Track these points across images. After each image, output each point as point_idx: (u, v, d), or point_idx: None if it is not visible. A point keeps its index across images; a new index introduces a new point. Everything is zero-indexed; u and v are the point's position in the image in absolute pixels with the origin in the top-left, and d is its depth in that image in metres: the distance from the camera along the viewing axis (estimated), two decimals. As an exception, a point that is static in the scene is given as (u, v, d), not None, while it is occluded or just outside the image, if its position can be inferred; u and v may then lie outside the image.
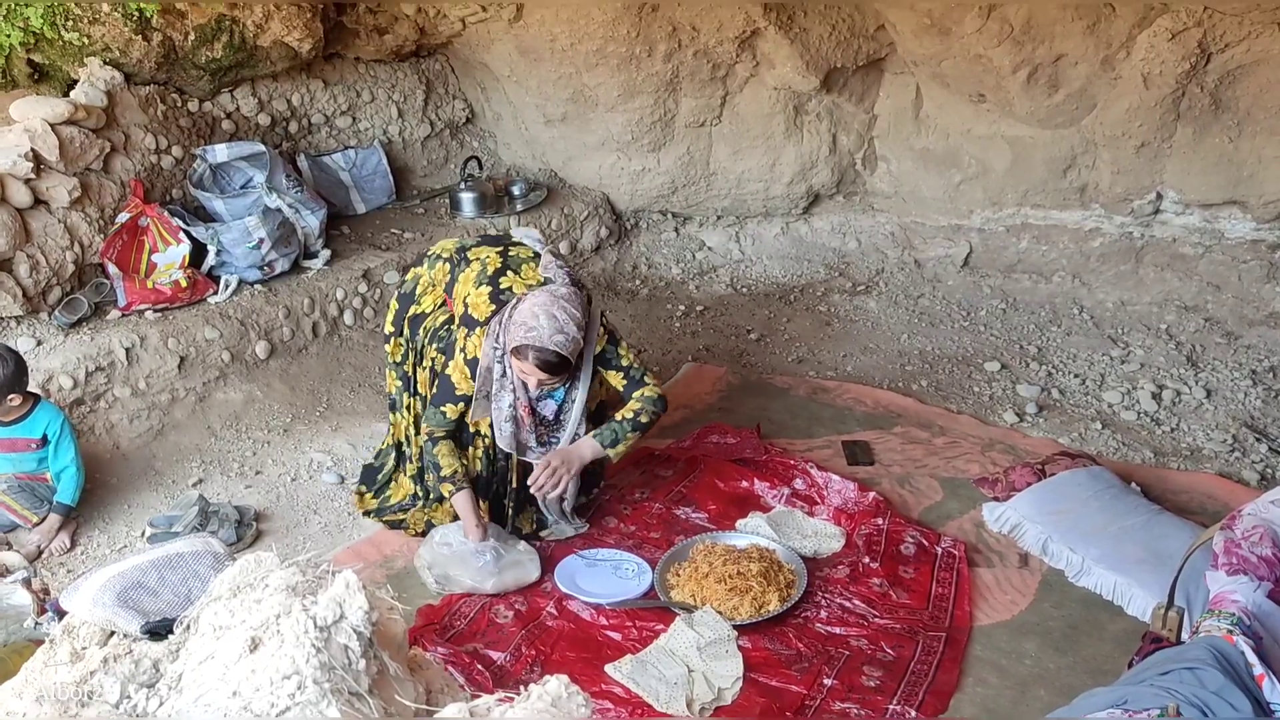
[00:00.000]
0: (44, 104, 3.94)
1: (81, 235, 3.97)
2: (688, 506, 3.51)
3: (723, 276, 5.41)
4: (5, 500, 3.30)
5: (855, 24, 4.75)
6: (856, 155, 5.22)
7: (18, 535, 3.27)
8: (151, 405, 3.83)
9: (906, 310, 4.98)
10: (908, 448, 3.87)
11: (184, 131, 4.51)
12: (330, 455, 3.82)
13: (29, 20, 3.92)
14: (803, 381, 4.37)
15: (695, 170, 5.31)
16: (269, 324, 4.18)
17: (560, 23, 4.76)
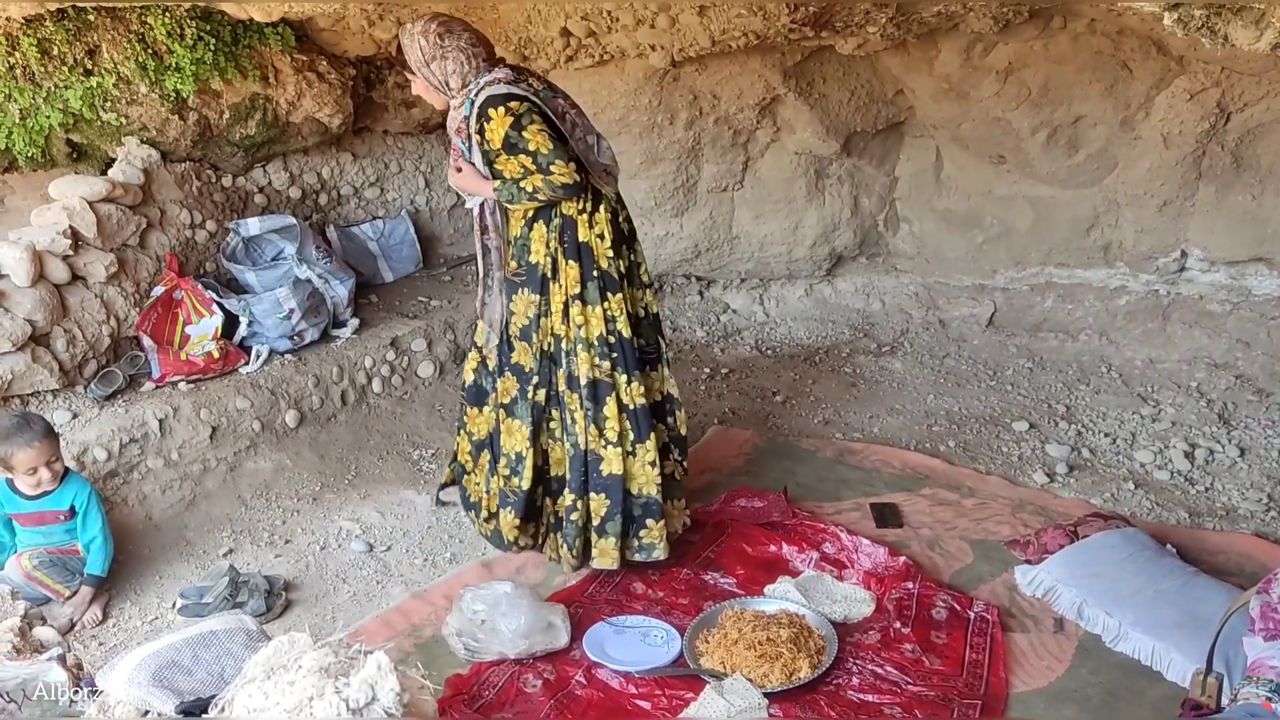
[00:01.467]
0: (82, 182, 4.05)
1: (118, 309, 4.05)
2: (716, 572, 3.49)
3: (747, 339, 5.43)
4: (37, 575, 3.33)
5: (874, 89, 4.82)
6: (878, 217, 5.26)
7: (50, 609, 3.29)
8: (184, 476, 3.87)
9: (932, 370, 4.98)
10: (937, 510, 3.84)
11: (218, 206, 4.62)
12: (359, 523, 3.84)
13: (68, 102, 4.05)
14: (829, 443, 4.36)
15: (718, 234, 5.36)
16: (299, 393, 4.23)
17: (583, 93, 4.84)
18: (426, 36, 3.23)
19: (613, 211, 3.39)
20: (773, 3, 3.71)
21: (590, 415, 3.36)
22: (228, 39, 4.25)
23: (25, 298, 3.72)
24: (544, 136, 3.18)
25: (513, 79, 3.24)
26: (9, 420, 3.35)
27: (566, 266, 3.32)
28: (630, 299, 3.42)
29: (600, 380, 3.35)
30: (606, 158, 3.37)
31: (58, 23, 3.92)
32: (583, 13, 4.20)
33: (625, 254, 3.42)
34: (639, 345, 3.45)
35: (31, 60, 3.93)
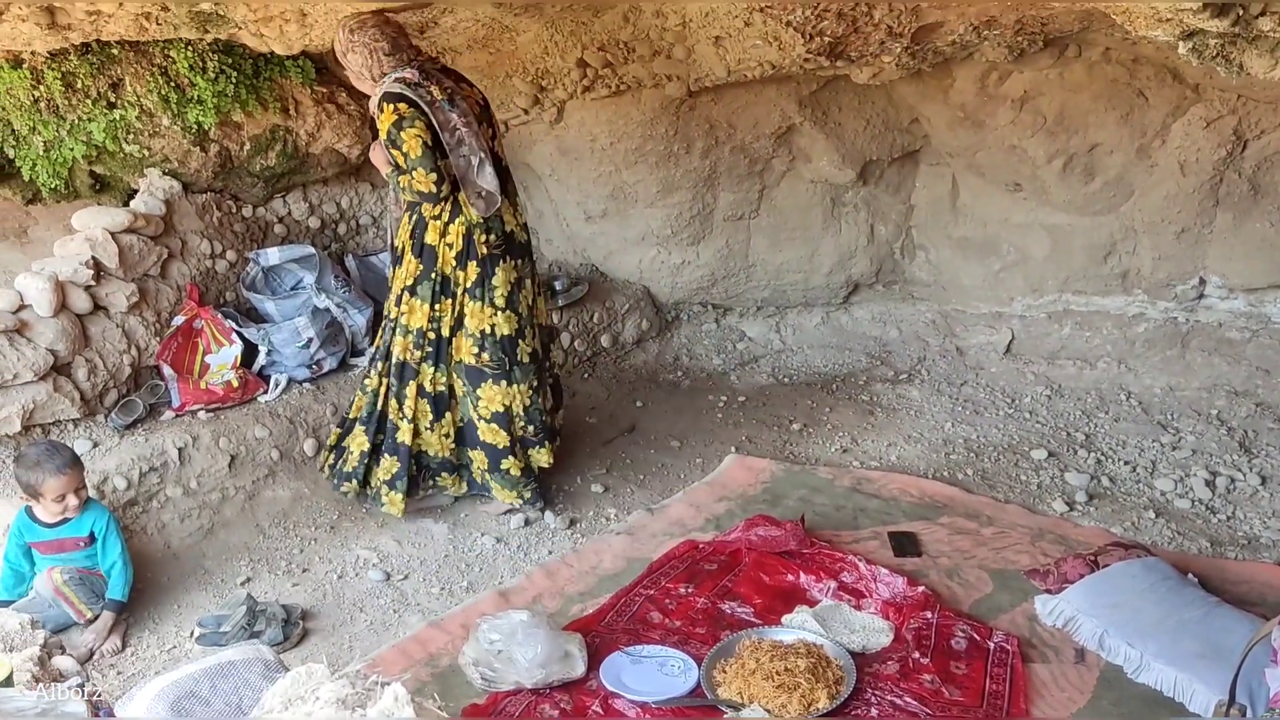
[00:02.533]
0: (105, 214, 4.11)
1: (138, 339, 4.09)
2: (733, 601, 3.48)
3: (764, 367, 5.43)
4: (66, 591, 3.33)
5: (889, 118, 4.84)
6: (895, 245, 5.27)
7: (69, 636, 3.30)
8: (202, 504, 3.89)
9: (950, 398, 4.96)
10: (955, 538, 3.81)
11: (238, 236, 4.66)
12: (376, 552, 3.84)
13: (91, 134, 4.10)
14: (847, 472, 4.34)
15: (734, 262, 5.38)
16: (317, 421, 4.24)
17: (600, 123, 4.89)
18: (341, 32, 3.60)
19: (468, 229, 3.72)
20: (788, 33, 3.73)
21: (393, 391, 3.85)
22: (249, 72, 4.31)
23: (47, 328, 3.76)
24: (416, 142, 3.53)
25: (416, 81, 3.57)
26: (37, 449, 3.38)
27: (409, 259, 3.77)
28: (472, 312, 3.80)
29: (408, 364, 3.81)
30: (486, 182, 3.66)
31: (82, 56, 3.98)
32: (599, 44, 4.24)
33: (475, 270, 3.76)
34: (482, 362, 3.84)
35: (56, 93, 3.99)
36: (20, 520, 3.39)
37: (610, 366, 5.35)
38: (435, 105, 3.56)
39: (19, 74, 3.92)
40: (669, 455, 4.59)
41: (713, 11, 3.77)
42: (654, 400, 5.08)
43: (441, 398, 3.88)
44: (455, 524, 4.02)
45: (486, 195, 3.66)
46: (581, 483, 4.32)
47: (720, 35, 3.92)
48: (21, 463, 3.38)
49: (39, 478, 3.29)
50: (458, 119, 3.61)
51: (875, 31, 3.78)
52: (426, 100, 3.55)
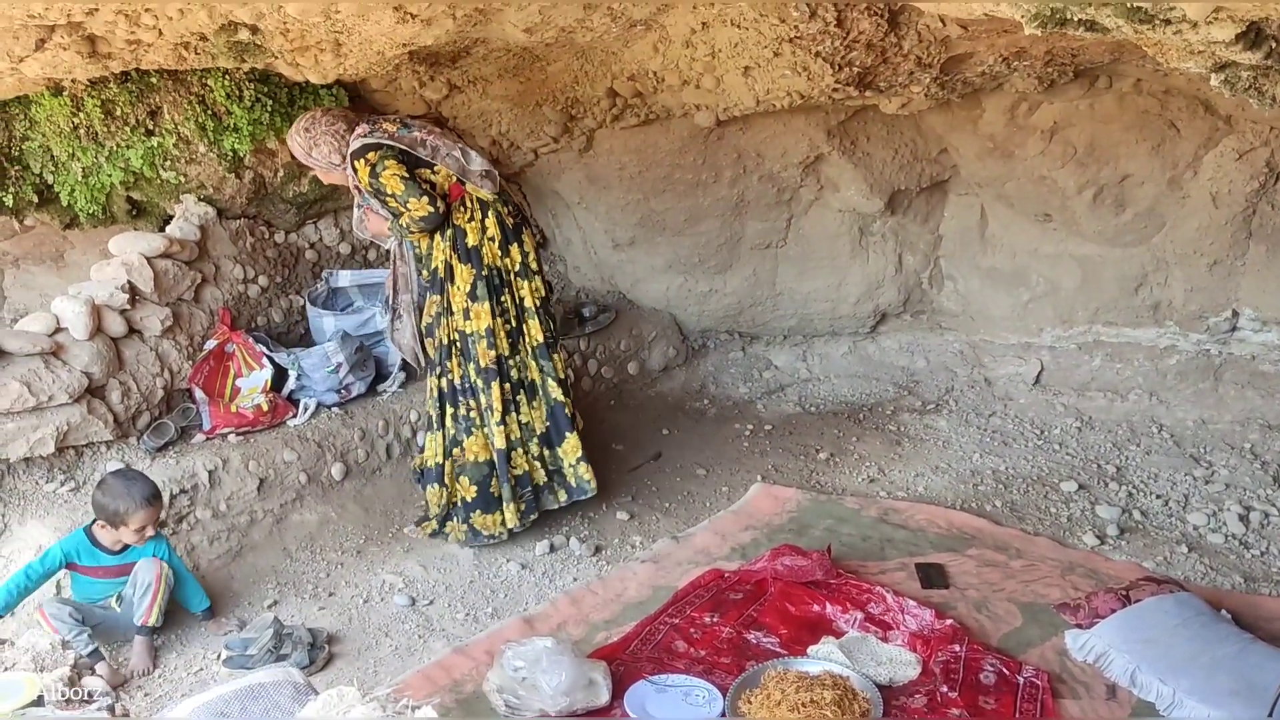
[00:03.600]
0: (141, 239, 4.17)
1: (171, 362, 4.14)
2: (759, 631, 3.45)
3: (790, 395, 5.42)
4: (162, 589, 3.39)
5: (918, 148, 4.84)
6: (923, 274, 5.26)
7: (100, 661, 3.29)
8: (231, 527, 3.91)
9: (978, 429, 4.93)
10: (983, 571, 3.78)
11: (270, 261, 4.72)
12: (402, 577, 3.85)
13: (129, 161, 4.17)
14: (874, 502, 4.32)
15: (762, 291, 5.38)
16: (345, 446, 4.27)
17: (629, 152, 4.92)
18: (298, 135, 3.92)
19: (494, 213, 3.92)
20: (817, 64, 3.75)
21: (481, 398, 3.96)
22: (284, 100, 4.37)
23: (83, 350, 3.81)
24: (396, 180, 3.76)
25: (368, 130, 3.83)
26: (123, 479, 3.42)
27: (459, 270, 3.91)
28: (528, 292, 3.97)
29: (488, 367, 3.93)
30: (477, 165, 3.89)
31: (121, 84, 4.05)
32: (629, 74, 4.27)
33: (517, 252, 3.95)
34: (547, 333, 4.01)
35: (95, 120, 4.06)
36: (77, 543, 3.39)
37: (637, 394, 5.35)
38: (394, 136, 3.81)
39: (59, 101, 3.99)
40: (695, 483, 4.58)
41: (742, 42, 3.79)
42: (680, 428, 5.08)
43: (531, 385, 4.02)
44: (480, 550, 4.02)
45: (487, 174, 3.91)
46: (607, 510, 4.32)
47: (749, 65, 3.94)
48: (107, 491, 3.38)
49: (127, 507, 3.33)
50: (419, 134, 3.87)
51: (904, 62, 3.79)
52: (388, 135, 3.81)
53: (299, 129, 3.93)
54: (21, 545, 3.51)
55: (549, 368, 4.03)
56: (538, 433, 4.04)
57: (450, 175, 3.87)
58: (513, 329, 3.97)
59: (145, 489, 3.41)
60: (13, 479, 3.65)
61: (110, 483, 3.43)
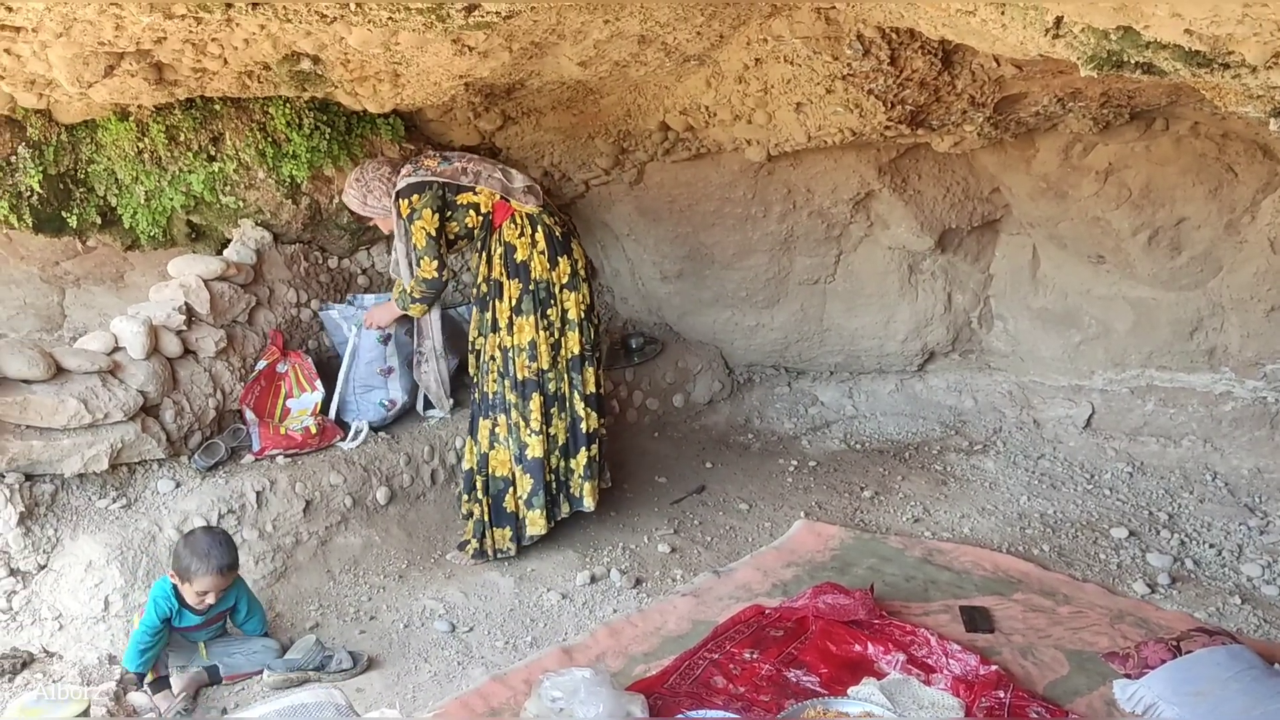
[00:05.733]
0: (199, 262, 4.25)
1: (224, 383, 4.20)
2: (799, 669, 3.41)
3: (836, 432, 5.38)
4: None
5: (969, 187, 4.82)
6: (972, 314, 5.21)
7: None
8: (276, 548, 3.95)
9: (1026, 471, 4.86)
10: (1030, 616, 3.71)
11: (323, 286, 4.79)
12: (443, 603, 3.86)
13: (190, 185, 4.27)
14: (918, 542, 4.27)
15: (809, 326, 5.37)
16: (390, 470, 4.30)
17: (679, 185, 4.95)
18: (351, 188, 4.16)
19: (544, 225, 4.04)
20: (870, 101, 3.75)
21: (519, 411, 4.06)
22: (341, 128, 4.46)
23: (139, 370, 3.89)
24: (422, 234, 4.01)
25: (411, 170, 4.05)
26: (206, 541, 3.37)
27: (507, 285, 4.04)
28: (574, 304, 4.07)
29: (528, 379, 4.03)
30: (519, 182, 4.09)
31: (185, 111, 4.16)
32: (681, 108, 4.31)
33: (565, 265, 4.05)
34: (583, 347, 4.11)
35: (159, 145, 4.16)
36: (167, 599, 3.36)
37: (681, 426, 5.35)
38: (436, 171, 4.04)
39: (125, 126, 4.10)
40: (737, 518, 4.56)
41: (795, 78, 3.81)
42: (724, 462, 5.06)
43: (562, 398, 4.12)
44: (521, 578, 4.03)
45: (529, 189, 4.09)
46: (649, 542, 4.31)
47: (801, 101, 3.95)
48: (190, 545, 3.35)
49: (199, 569, 3.30)
50: (460, 163, 4.09)
51: (958, 101, 3.78)
52: (430, 172, 4.03)
53: (350, 182, 4.15)
54: (72, 560, 3.57)
55: (578, 381, 4.12)
56: (560, 444, 4.13)
57: (494, 194, 4.04)
58: (555, 342, 4.06)
59: (223, 559, 3.35)
60: (66, 494, 3.71)
61: (196, 538, 3.39)
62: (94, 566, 3.53)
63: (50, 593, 3.54)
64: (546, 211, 4.10)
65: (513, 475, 4.09)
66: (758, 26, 3.60)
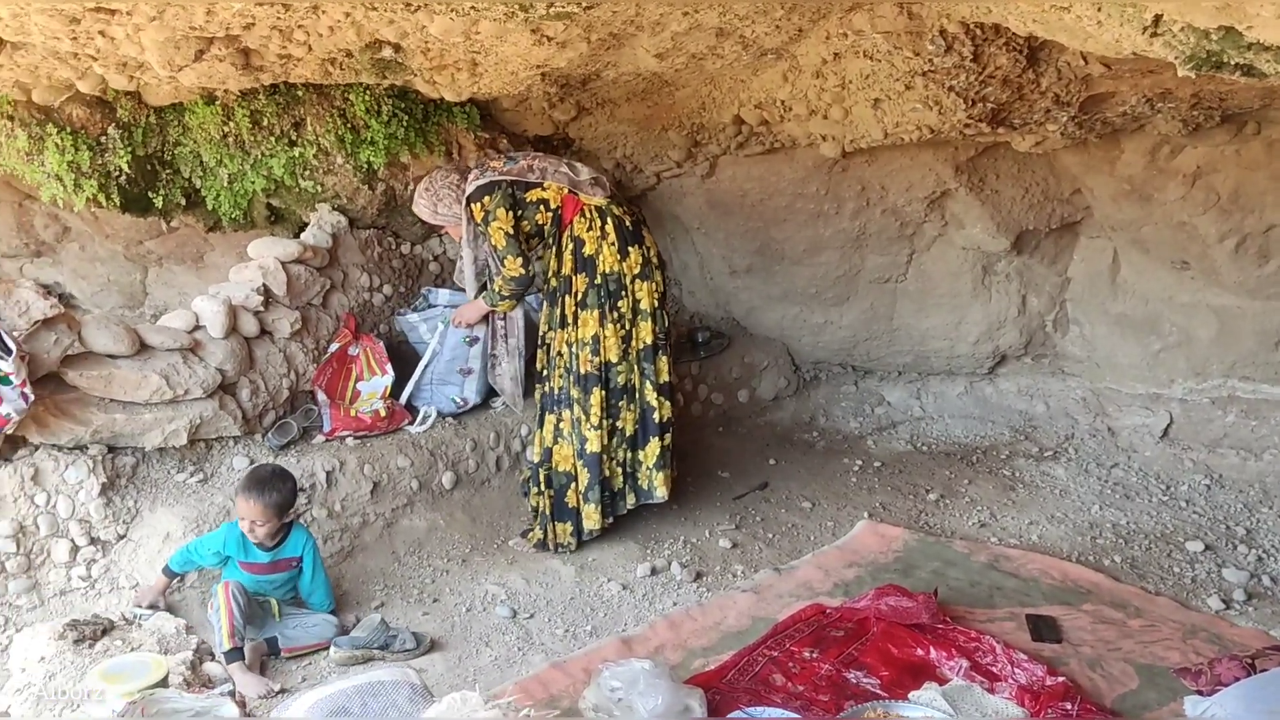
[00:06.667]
0: (277, 244, 4.34)
1: (298, 364, 4.28)
2: (859, 670, 3.38)
3: (902, 433, 5.32)
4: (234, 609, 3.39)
5: (1049, 187, 4.72)
6: (1047, 317, 5.11)
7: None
8: (344, 528, 4.02)
9: (1098, 480, 4.76)
10: (1099, 627, 3.63)
11: (395, 271, 4.85)
12: (505, 589, 3.90)
13: (272, 169, 4.35)
14: (984, 547, 4.20)
15: (878, 325, 5.31)
16: (456, 455, 4.35)
17: (752, 179, 4.92)
18: (421, 198, 4.20)
19: (614, 216, 4.04)
20: (950, 98, 3.70)
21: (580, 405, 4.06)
22: (419, 116, 4.50)
23: (218, 348, 3.98)
24: (500, 234, 4.02)
25: (478, 174, 4.07)
26: (254, 473, 3.55)
27: (575, 279, 4.04)
28: (646, 294, 4.07)
29: (590, 374, 4.05)
30: (585, 174, 4.10)
31: (270, 96, 4.23)
32: (756, 102, 4.28)
33: (637, 255, 4.05)
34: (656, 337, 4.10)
35: (244, 130, 4.24)
36: (231, 529, 3.51)
37: (745, 422, 5.33)
38: (503, 171, 4.06)
39: (211, 110, 4.19)
40: (799, 516, 4.53)
41: (873, 74, 3.76)
42: (787, 459, 5.04)
43: (631, 389, 4.11)
44: (582, 567, 4.05)
45: (595, 180, 4.09)
46: (710, 537, 4.30)
47: (879, 98, 3.90)
48: (244, 476, 3.57)
49: (241, 493, 3.48)
50: (525, 161, 4.12)
51: (1041, 99, 3.70)
52: (497, 171, 4.05)
53: (420, 192, 4.20)
54: (150, 531, 3.67)
55: (650, 370, 4.11)
56: (627, 435, 4.12)
57: (562, 189, 4.04)
58: (626, 333, 4.06)
59: (253, 481, 3.49)
60: (147, 467, 3.82)
61: (251, 470, 3.59)
62: (171, 538, 3.63)
63: (129, 562, 3.65)
64: (615, 202, 4.11)
65: (574, 470, 4.10)
66: (838, 20, 3.56)
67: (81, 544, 3.63)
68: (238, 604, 3.35)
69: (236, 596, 3.37)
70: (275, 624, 3.53)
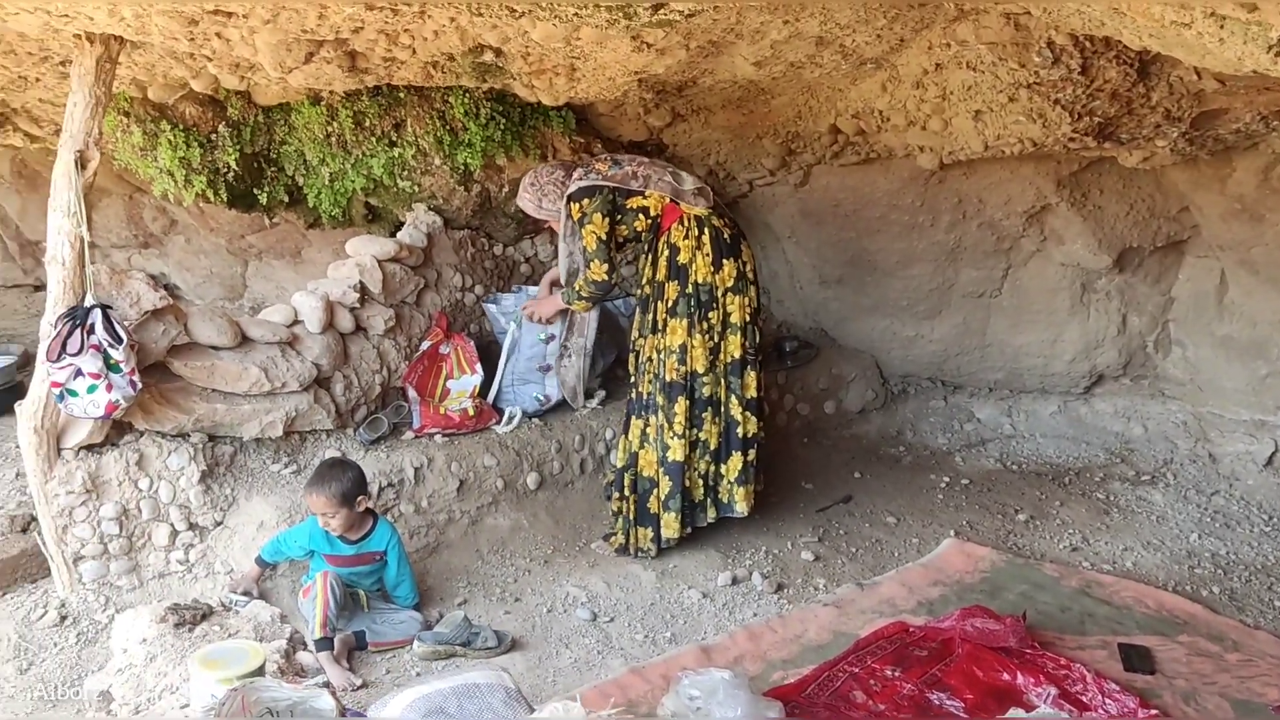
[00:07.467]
0: (375, 243, 4.43)
1: (390, 361, 4.36)
2: (942, 692, 3.32)
3: (991, 451, 5.22)
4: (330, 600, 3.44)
5: (1155, 204, 4.59)
6: (1148, 338, 4.97)
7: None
8: (430, 524, 4.08)
9: (1197, 507, 4.60)
10: (1194, 660, 3.51)
11: (487, 272, 4.91)
12: (586, 591, 3.91)
13: (371, 169, 4.44)
14: (1075, 572, 4.09)
15: (970, 340, 5.22)
16: (541, 456, 4.39)
17: (845, 189, 4.88)
18: (526, 192, 4.22)
19: (710, 228, 4.01)
20: (1055, 111, 3.61)
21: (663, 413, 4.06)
22: (516, 119, 4.56)
23: (315, 343, 4.07)
24: (592, 238, 4.02)
25: (583, 174, 4.09)
26: (320, 467, 3.63)
27: (668, 286, 4.04)
28: (737, 307, 4.04)
29: (675, 382, 4.03)
30: (689, 184, 4.09)
31: (372, 98, 4.33)
32: (853, 111, 4.24)
33: (731, 267, 4.02)
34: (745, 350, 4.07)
35: (346, 130, 4.34)
36: (317, 529, 3.57)
37: (831, 434, 5.28)
38: (607, 176, 4.06)
39: (317, 110, 4.30)
40: (884, 531, 4.47)
41: (976, 85, 3.70)
42: (873, 473, 4.97)
43: (717, 402, 4.08)
44: (663, 573, 4.05)
45: (699, 190, 4.08)
46: (792, 548, 4.27)
47: (981, 109, 3.83)
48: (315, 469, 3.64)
49: (309, 487, 3.54)
50: (630, 167, 4.10)
51: (1151, 114, 3.60)
52: (600, 176, 4.05)
53: (525, 186, 4.22)
54: (245, 519, 3.77)
55: (736, 385, 4.09)
56: (711, 448, 4.10)
57: (663, 198, 4.03)
58: (714, 345, 4.04)
59: (316, 474, 3.56)
60: (244, 456, 3.93)
61: (320, 464, 3.65)
62: (264, 526, 3.72)
63: (224, 548, 3.76)
64: (716, 213, 4.09)
65: (657, 476, 4.10)
66: (941, 30, 3.50)
67: (180, 529, 3.74)
68: (334, 595, 3.42)
69: (333, 587, 3.44)
70: (363, 617, 3.59)
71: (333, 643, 3.33)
